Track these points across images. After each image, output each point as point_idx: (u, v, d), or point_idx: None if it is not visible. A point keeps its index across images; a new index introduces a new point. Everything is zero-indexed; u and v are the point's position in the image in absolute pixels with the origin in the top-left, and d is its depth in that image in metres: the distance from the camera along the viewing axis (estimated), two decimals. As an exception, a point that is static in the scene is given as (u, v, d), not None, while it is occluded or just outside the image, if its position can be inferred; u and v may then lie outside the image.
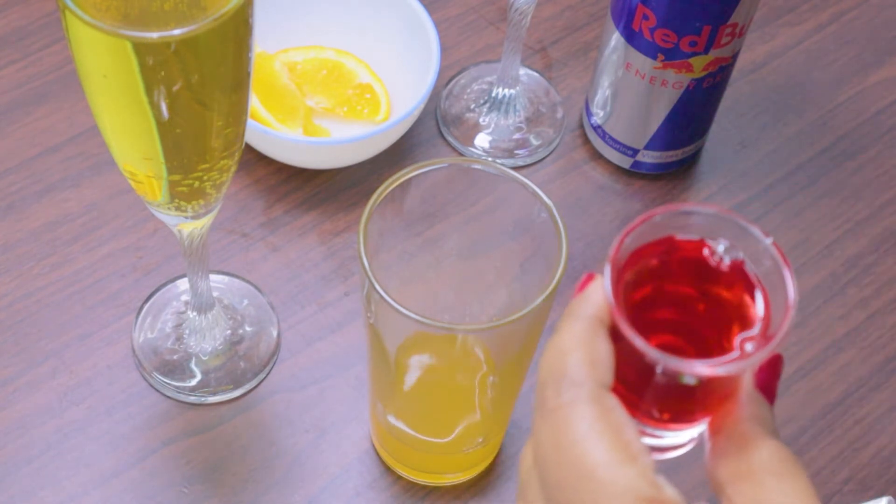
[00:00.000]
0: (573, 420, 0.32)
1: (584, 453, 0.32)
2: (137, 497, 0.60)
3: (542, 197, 0.50)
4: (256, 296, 0.67)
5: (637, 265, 0.36)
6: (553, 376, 0.34)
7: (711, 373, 0.34)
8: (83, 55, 0.45)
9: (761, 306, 0.36)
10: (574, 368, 0.33)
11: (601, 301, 0.35)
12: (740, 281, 0.36)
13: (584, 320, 0.35)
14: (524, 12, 0.68)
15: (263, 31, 0.72)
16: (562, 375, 0.33)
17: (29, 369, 0.64)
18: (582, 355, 0.34)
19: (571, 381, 0.33)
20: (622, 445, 0.32)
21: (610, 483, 0.31)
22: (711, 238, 0.37)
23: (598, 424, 0.32)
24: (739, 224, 0.36)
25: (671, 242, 0.37)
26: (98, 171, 0.71)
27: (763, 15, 0.82)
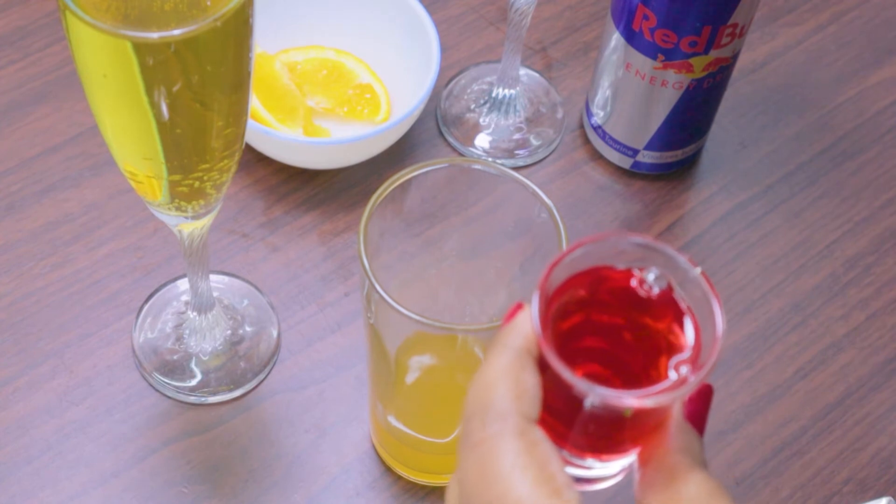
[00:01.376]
0: (498, 454, 0.32)
1: (508, 488, 0.31)
2: (137, 497, 0.60)
3: (542, 197, 0.50)
4: (256, 296, 0.67)
5: (566, 295, 0.36)
6: (479, 409, 0.33)
7: (639, 404, 0.34)
8: (83, 55, 0.45)
9: (691, 336, 0.35)
10: (499, 401, 0.33)
11: (529, 331, 0.35)
12: (670, 310, 0.36)
13: (511, 351, 0.34)
14: (524, 12, 0.68)
15: (263, 31, 0.72)
16: (487, 408, 0.33)
17: (29, 369, 0.64)
18: (508, 387, 0.33)
19: (497, 413, 0.33)
20: (546, 480, 0.32)
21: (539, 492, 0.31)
22: (642, 267, 0.36)
23: (523, 458, 0.32)
24: (668, 254, 0.36)
25: (601, 272, 0.36)
26: (98, 171, 0.71)
27: (763, 15, 0.82)
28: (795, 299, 0.70)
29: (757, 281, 0.70)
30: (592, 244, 0.36)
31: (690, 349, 0.35)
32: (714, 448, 0.64)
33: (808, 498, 0.63)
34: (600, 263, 0.36)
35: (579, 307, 0.36)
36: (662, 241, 0.36)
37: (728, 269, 0.71)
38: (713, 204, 0.73)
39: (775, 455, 0.64)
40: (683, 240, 0.72)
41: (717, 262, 0.71)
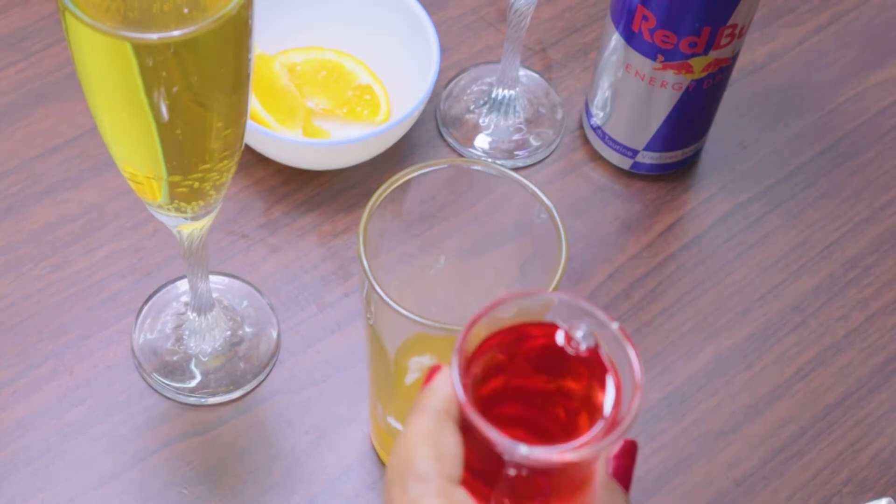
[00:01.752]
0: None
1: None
2: (137, 498, 0.60)
3: (541, 198, 0.50)
4: (256, 297, 0.67)
5: (487, 354, 0.35)
6: (400, 472, 0.33)
7: (558, 458, 0.33)
8: (83, 56, 0.45)
9: (612, 392, 0.35)
10: (420, 463, 0.33)
11: (449, 392, 0.35)
12: (592, 367, 0.35)
13: (431, 413, 0.34)
14: (524, 13, 0.68)
15: (263, 32, 0.72)
16: (408, 471, 0.33)
17: (29, 370, 0.64)
18: (428, 450, 0.33)
19: (418, 476, 0.33)
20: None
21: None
22: (564, 323, 0.36)
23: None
24: (585, 309, 0.35)
25: (526, 329, 0.36)
26: (98, 172, 0.71)
27: (763, 16, 0.82)
28: (795, 300, 0.70)
29: (757, 281, 0.70)
30: (510, 301, 0.35)
31: (612, 405, 0.35)
32: (714, 448, 0.64)
33: (808, 498, 0.63)
34: (525, 320, 0.36)
35: (500, 367, 0.36)
36: (583, 298, 0.36)
37: (728, 269, 0.71)
38: (713, 204, 0.73)
39: (775, 456, 0.64)
40: (683, 240, 0.72)
41: (717, 262, 0.71)
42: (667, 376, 0.66)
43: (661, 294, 0.69)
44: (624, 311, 0.68)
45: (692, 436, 0.64)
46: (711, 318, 0.69)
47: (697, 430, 0.65)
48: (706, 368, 0.67)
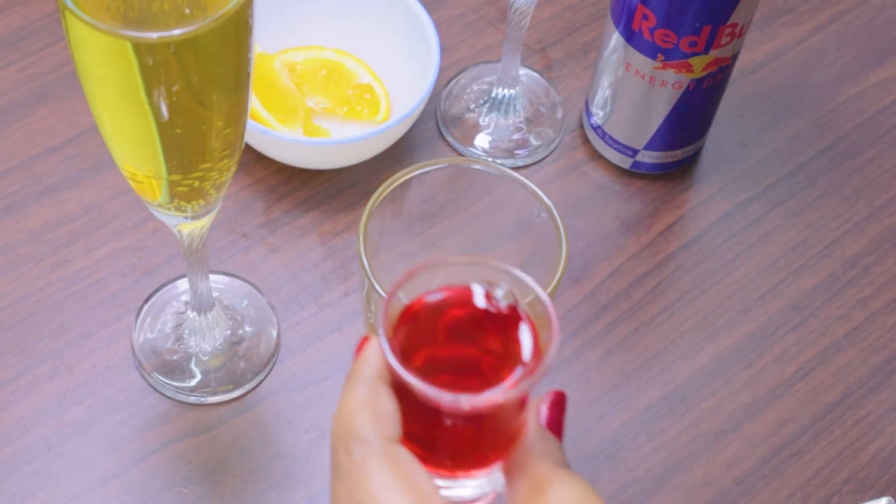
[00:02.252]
0: (366, 476, 0.34)
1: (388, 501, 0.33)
2: (137, 497, 0.60)
3: (542, 197, 0.50)
4: (256, 296, 0.67)
5: (412, 320, 0.37)
6: (343, 439, 0.35)
7: (486, 402, 0.35)
8: (83, 55, 0.45)
9: (529, 341, 0.36)
10: (361, 428, 0.34)
11: (380, 359, 0.36)
12: (512, 322, 0.37)
13: (365, 381, 0.36)
14: (524, 13, 0.68)
15: (263, 31, 0.72)
16: (350, 437, 0.34)
17: (29, 370, 0.64)
18: (367, 415, 0.35)
19: (360, 440, 0.34)
20: (413, 491, 0.33)
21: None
22: (484, 284, 0.37)
23: (390, 476, 0.33)
24: (501, 269, 0.37)
25: (445, 294, 0.37)
26: (98, 171, 0.71)
27: (763, 15, 0.82)
28: (795, 299, 0.70)
29: (757, 281, 0.70)
30: (435, 268, 0.37)
31: (531, 354, 0.36)
32: (714, 448, 0.64)
33: (808, 498, 0.63)
34: (449, 283, 0.37)
35: (427, 330, 0.37)
36: (497, 260, 0.37)
37: (728, 269, 0.71)
38: (713, 204, 0.73)
39: (775, 455, 0.64)
40: (683, 240, 0.72)
41: (717, 262, 0.71)
42: (667, 375, 0.66)
43: (661, 293, 0.69)
44: (624, 310, 0.68)
45: (692, 435, 0.64)
46: (711, 317, 0.69)
47: (697, 429, 0.65)
48: (706, 368, 0.67)
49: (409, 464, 0.34)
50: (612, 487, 0.62)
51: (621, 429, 0.64)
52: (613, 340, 0.67)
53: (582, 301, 0.69)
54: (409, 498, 0.33)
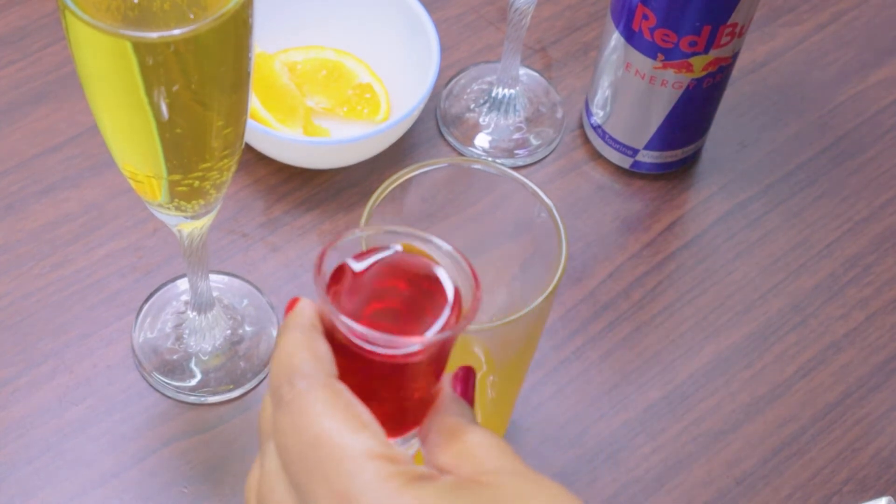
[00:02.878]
0: (309, 404, 0.35)
1: (321, 430, 0.34)
2: (137, 497, 0.60)
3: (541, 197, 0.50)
4: (256, 296, 0.67)
5: (341, 281, 0.39)
6: (284, 375, 0.36)
7: (421, 341, 0.37)
8: (83, 55, 0.45)
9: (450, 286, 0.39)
10: (302, 364, 0.36)
11: (312, 311, 0.38)
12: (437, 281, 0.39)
13: (301, 328, 0.37)
14: (524, 12, 0.68)
15: (263, 31, 0.72)
16: (292, 373, 0.36)
17: (29, 369, 0.64)
18: (306, 353, 0.36)
19: (302, 374, 0.36)
20: (354, 417, 0.35)
21: (346, 447, 0.34)
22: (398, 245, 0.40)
23: (331, 403, 0.35)
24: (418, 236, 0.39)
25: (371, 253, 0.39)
26: (98, 171, 0.71)
27: (763, 15, 0.82)
28: (795, 299, 0.70)
29: (757, 281, 0.70)
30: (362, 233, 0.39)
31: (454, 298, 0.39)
32: (714, 448, 0.64)
33: (808, 497, 0.63)
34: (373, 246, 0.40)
35: (355, 288, 0.39)
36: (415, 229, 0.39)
37: (728, 268, 0.71)
38: (713, 204, 0.73)
39: (775, 455, 0.64)
40: (683, 239, 0.72)
41: (717, 261, 0.71)
42: (667, 375, 0.66)
43: (661, 293, 0.69)
44: (624, 310, 0.68)
45: (692, 435, 0.64)
46: (711, 317, 0.69)
47: (697, 428, 0.65)
48: (706, 367, 0.67)
49: (348, 394, 0.36)
50: (612, 487, 0.62)
51: (621, 429, 0.64)
52: (613, 340, 0.67)
53: (582, 301, 0.69)
54: (351, 423, 0.34)
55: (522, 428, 0.64)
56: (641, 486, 0.62)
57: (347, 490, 0.33)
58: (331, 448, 0.34)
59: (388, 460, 0.34)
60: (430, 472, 0.35)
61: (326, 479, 0.34)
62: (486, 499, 0.34)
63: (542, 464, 0.63)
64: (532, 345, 0.53)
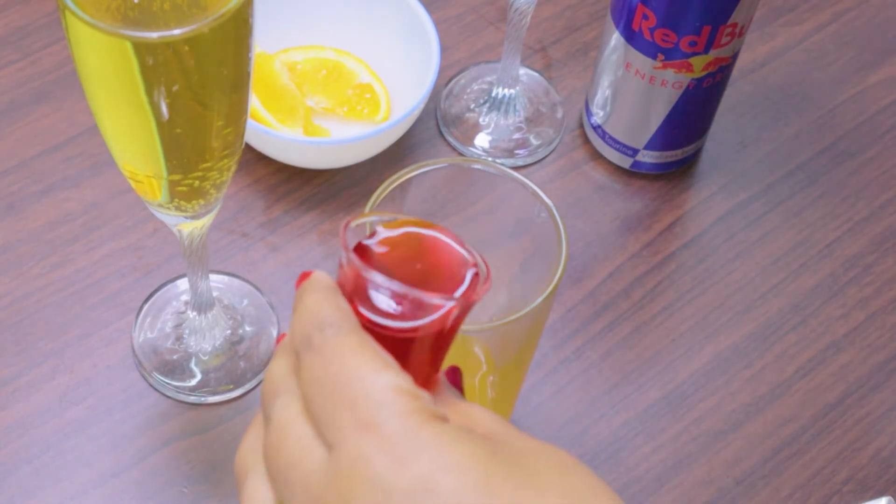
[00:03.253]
0: (340, 346, 0.36)
1: (351, 366, 0.35)
2: (137, 497, 0.60)
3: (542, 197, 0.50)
4: (256, 296, 0.67)
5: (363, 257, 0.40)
6: (313, 324, 0.37)
7: (450, 298, 0.38)
8: (83, 55, 0.45)
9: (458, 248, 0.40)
10: (331, 314, 0.37)
11: (328, 279, 0.39)
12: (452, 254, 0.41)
13: (322, 289, 0.38)
14: (524, 12, 0.68)
15: (263, 31, 0.72)
16: (321, 322, 0.37)
17: (29, 369, 0.64)
18: (333, 307, 0.37)
19: (330, 323, 0.37)
20: (380, 358, 0.36)
21: (375, 380, 0.35)
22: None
23: (360, 346, 0.36)
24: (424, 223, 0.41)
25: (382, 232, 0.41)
26: (98, 171, 0.71)
27: (763, 15, 0.82)
28: (795, 299, 0.70)
29: (757, 280, 0.70)
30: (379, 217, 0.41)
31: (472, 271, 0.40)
32: (714, 448, 0.64)
33: (808, 497, 0.63)
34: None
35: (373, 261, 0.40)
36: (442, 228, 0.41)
37: (728, 268, 0.71)
38: (713, 204, 0.73)
39: (775, 454, 0.64)
40: (683, 239, 0.72)
41: (717, 261, 0.71)
42: (667, 375, 0.66)
43: (661, 293, 0.69)
44: (624, 309, 0.68)
45: (692, 434, 0.64)
46: (711, 316, 0.69)
47: (697, 428, 0.65)
48: (706, 367, 0.67)
49: (374, 341, 0.37)
50: (612, 487, 0.62)
51: (621, 429, 0.64)
52: (613, 340, 0.67)
53: (582, 301, 0.69)
54: (380, 362, 0.35)
55: (522, 428, 0.64)
56: (641, 486, 0.62)
57: (372, 419, 0.34)
58: (360, 380, 0.35)
59: (413, 397, 0.35)
60: (448, 416, 0.36)
61: (353, 408, 0.34)
62: (499, 449, 0.34)
63: (542, 464, 0.63)
64: (532, 345, 0.53)
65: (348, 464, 0.34)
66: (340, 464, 0.34)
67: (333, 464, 0.34)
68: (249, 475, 0.39)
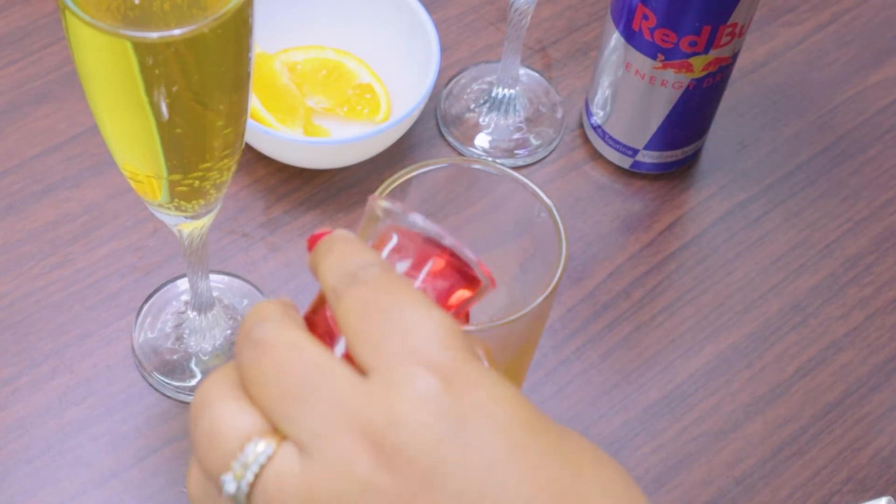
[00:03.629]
0: (389, 283, 0.35)
1: (401, 301, 0.35)
2: (137, 497, 0.60)
3: (542, 197, 0.50)
4: (256, 296, 0.67)
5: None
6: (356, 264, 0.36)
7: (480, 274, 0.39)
8: (83, 55, 0.45)
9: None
10: (371, 256, 0.36)
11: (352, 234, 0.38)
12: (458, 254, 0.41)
13: (352, 239, 0.37)
14: (524, 12, 0.68)
15: (263, 31, 0.72)
16: (363, 262, 0.36)
17: (29, 369, 0.64)
18: (369, 251, 0.37)
19: (374, 263, 0.36)
20: (429, 300, 0.35)
21: (427, 313, 0.34)
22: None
23: (408, 285, 0.35)
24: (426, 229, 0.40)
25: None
26: (98, 171, 0.71)
27: (763, 15, 0.82)
28: (795, 299, 0.70)
29: (757, 280, 0.70)
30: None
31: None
32: (714, 448, 0.64)
33: (808, 497, 0.63)
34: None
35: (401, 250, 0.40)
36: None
37: (728, 268, 0.71)
38: (713, 204, 0.73)
39: (775, 455, 0.64)
40: (683, 240, 0.72)
41: (717, 261, 0.71)
42: (667, 375, 0.66)
43: (661, 293, 0.69)
44: (624, 310, 0.68)
45: (692, 434, 0.64)
46: (711, 316, 0.69)
47: (697, 428, 0.65)
48: (706, 367, 0.67)
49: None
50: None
51: (621, 429, 0.64)
52: (613, 340, 0.67)
53: (582, 301, 0.69)
54: (429, 301, 0.35)
55: (522, 428, 0.64)
56: (641, 486, 0.62)
57: (425, 347, 0.33)
58: (413, 312, 0.34)
59: (464, 336, 0.34)
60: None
61: (406, 335, 0.34)
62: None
63: (542, 464, 0.63)
64: (532, 345, 0.53)
65: (398, 385, 0.33)
66: (388, 384, 0.33)
67: (377, 385, 0.33)
68: (215, 404, 0.37)
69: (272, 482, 0.34)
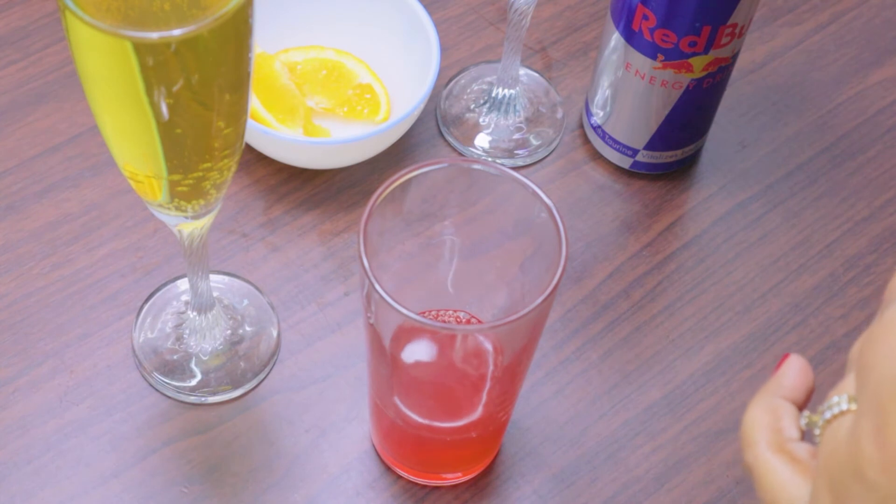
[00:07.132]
0: None
1: None
2: (137, 497, 0.60)
3: (541, 197, 0.50)
4: (256, 296, 0.67)
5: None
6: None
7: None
8: (83, 55, 0.45)
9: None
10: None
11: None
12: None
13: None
14: (524, 12, 0.68)
15: (263, 31, 0.72)
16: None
17: (29, 369, 0.64)
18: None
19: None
20: None
21: None
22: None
23: None
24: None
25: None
26: (98, 171, 0.71)
27: (763, 15, 0.82)
28: (795, 299, 0.70)
29: (757, 281, 0.70)
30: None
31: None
32: (714, 448, 0.64)
33: (808, 497, 0.63)
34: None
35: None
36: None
37: (728, 268, 0.71)
38: (713, 204, 0.73)
39: (775, 455, 0.64)
40: (683, 240, 0.72)
41: (717, 261, 0.71)
42: (667, 375, 0.66)
43: (661, 293, 0.69)
44: (624, 310, 0.68)
45: (692, 434, 0.64)
46: (711, 316, 0.69)
47: (697, 428, 0.65)
48: (706, 367, 0.67)
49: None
50: (612, 487, 0.62)
51: (621, 429, 0.64)
52: (613, 340, 0.67)
53: (582, 301, 0.69)
54: None
55: (522, 428, 0.64)
56: (641, 486, 0.62)
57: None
58: None
59: None
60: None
61: None
62: None
63: (541, 464, 0.63)
64: (532, 344, 0.53)
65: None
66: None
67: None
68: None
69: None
